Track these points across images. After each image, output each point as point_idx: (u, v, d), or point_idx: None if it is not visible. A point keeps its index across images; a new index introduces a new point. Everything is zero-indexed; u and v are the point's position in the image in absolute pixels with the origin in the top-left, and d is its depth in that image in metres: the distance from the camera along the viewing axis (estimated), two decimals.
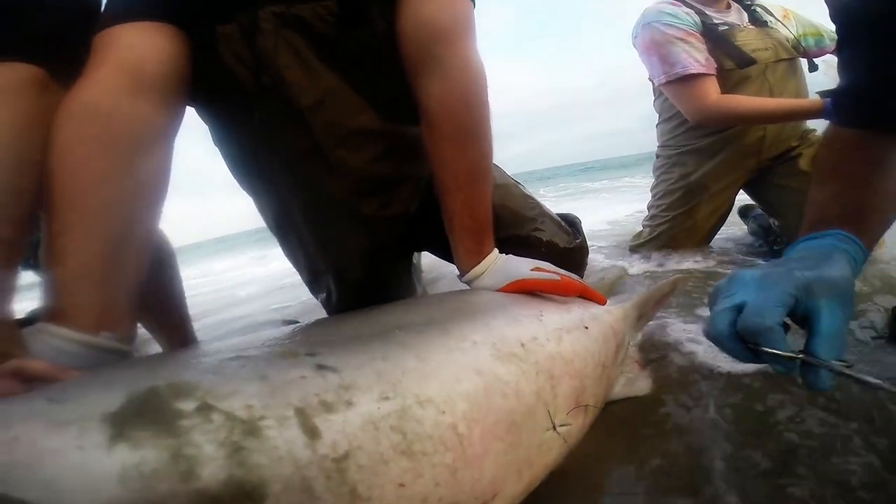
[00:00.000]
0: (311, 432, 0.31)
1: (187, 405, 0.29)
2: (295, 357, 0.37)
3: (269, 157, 0.70)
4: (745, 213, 1.56)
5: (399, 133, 0.72)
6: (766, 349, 0.35)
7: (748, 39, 1.24)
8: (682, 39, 1.20)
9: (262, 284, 2.63)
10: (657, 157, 1.47)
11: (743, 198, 1.44)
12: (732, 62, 1.21)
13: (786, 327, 0.36)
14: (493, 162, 0.71)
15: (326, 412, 0.32)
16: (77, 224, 0.47)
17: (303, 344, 0.40)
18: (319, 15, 0.62)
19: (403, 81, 0.65)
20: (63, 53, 0.54)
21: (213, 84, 0.63)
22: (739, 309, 0.37)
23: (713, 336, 0.38)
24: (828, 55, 1.36)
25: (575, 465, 0.50)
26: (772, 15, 1.31)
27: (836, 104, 0.55)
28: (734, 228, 1.58)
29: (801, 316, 0.36)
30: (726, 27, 1.25)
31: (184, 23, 0.58)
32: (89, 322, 0.45)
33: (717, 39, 1.22)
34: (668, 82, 1.23)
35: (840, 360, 0.34)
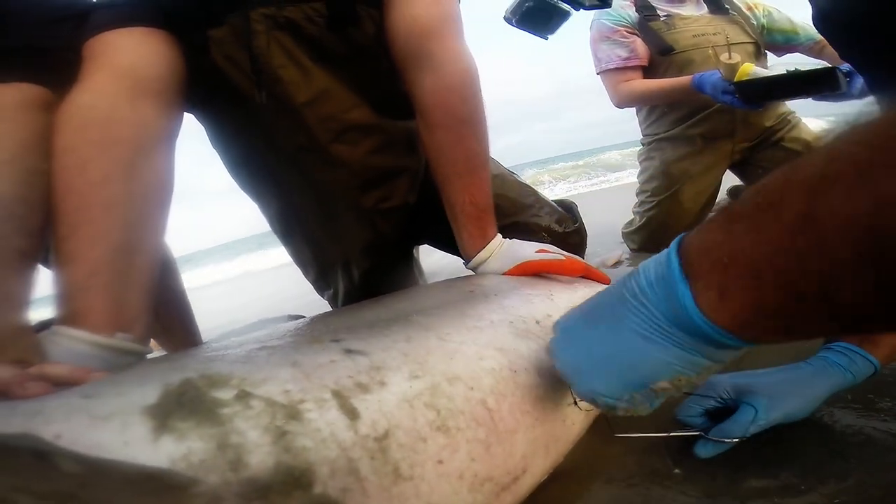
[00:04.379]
0: (351, 413, 0.31)
1: (225, 394, 0.29)
2: (321, 343, 0.37)
3: (269, 155, 0.70)
4: (735, 193, 1.60)
5: (395, 127, 0.73)
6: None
7: (688, 26, 1.32)
8: (608, 37, 1.35)
9: (262, 290, 2.58)
10: (641, 144, 1.52)
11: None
12: (655, 49, 1.34)
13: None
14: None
15: (362, 393, 0.32)
16: (83, 225, 0.46)
17: (325, 331, 0.40)
18: (308, 16, 0.62)
19: (396, 79, 0.66)
20: (65, 70, 0.53)
21: (207, 87, 0.63)
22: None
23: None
24: (797, 54, 1.42)
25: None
26: (736, 6, 1.39)
27: None
28: None
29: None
30: (667, 16, 1.34)
31: (174, 27, 0.58)
32: (104, 323, 0.44)
33: (644, 31, 1.35)
34: (599, 75, 1.40)
35: (728, 438, 0.44)
